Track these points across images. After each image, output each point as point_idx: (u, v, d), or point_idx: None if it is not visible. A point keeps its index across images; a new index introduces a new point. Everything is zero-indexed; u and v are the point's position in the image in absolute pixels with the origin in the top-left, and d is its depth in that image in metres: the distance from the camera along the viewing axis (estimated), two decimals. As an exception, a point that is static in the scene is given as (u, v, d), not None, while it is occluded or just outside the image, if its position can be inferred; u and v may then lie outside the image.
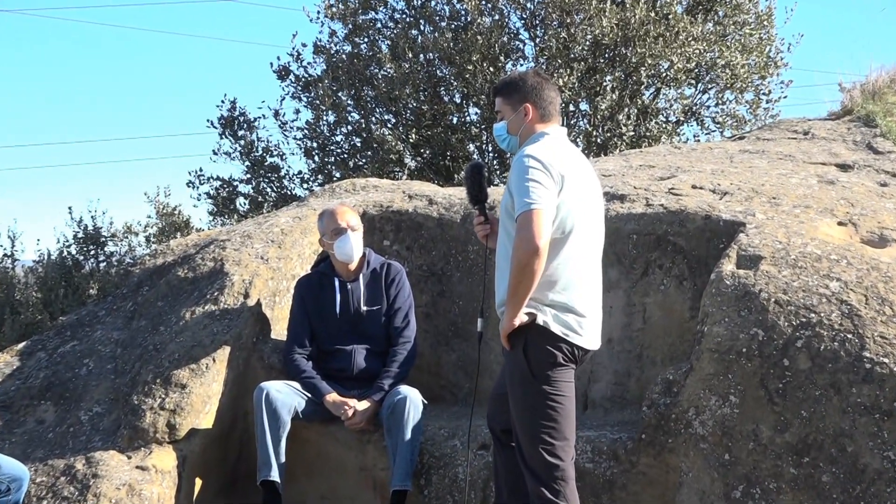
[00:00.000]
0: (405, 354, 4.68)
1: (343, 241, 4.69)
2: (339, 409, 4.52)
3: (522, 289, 3.35)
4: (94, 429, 4.70)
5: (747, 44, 10.33)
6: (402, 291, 4.78)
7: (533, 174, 3.37)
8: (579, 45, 9.78)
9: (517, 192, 3.38)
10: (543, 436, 3.44)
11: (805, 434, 3.71)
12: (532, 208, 3.31)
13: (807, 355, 3.80)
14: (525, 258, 3.30)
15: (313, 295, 4.75)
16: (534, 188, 3.34)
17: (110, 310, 5.61)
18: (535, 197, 3.33)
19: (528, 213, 3.31)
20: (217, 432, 4.67)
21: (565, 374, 3.49)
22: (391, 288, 4.75)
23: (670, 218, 4.73)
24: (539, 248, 3.29)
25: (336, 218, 4.74)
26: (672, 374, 4.08)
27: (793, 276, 4.08)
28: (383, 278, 4.76)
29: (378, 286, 4.75)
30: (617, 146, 9.92)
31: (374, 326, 4.71)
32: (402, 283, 4.79)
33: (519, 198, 3.36)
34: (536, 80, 3.66)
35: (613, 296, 4.70)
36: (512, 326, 3.44)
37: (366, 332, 4.71)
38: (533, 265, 3.31)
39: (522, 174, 3.38)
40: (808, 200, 4.84)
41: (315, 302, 4.74)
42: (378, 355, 4.70)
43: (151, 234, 11.29)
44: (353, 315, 4.70)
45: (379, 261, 4.83)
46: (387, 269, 4.79)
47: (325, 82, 10.43)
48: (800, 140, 6.58)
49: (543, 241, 3.30)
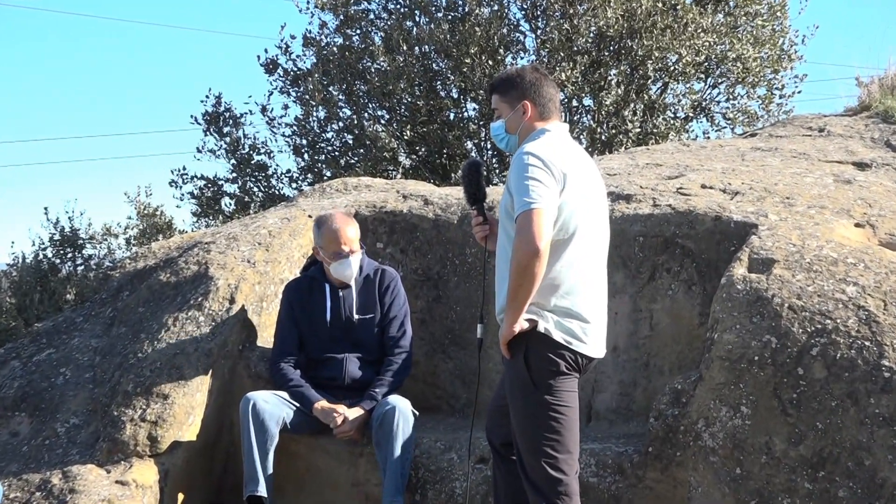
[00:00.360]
0: (400, 364, 4.69)
1: (343, 265, 4.68)
2: (329, 416, 4.52)
3: (522, 293, 3.35)
4: (71, 441, 4.69)
5: (759, 36, 10.36)
6: (398, 299, 4.78)
7: (533, 172, 3.37)
8: (583, 37, 9.80)
9: (516, 191, 3.38)
10: (546, 448, 3.44)
11: (820, 447, 3.72)
12: (532, 208, 3.31)
13: (822, 364, 3.81)
14: (525, 260, 3.30)
15: (302, 301, 4.75)
16: (534, 187, 3.34)
17: (88, 316, 5.60)
18: (535, 196, 3.33)
19: (527, 213, 3.31)
20: (201, 445, 4.67)
21: (568, 384, 3.49)
22: (385, 296, 4.75)
23: (678, 219, 4.74)
24: (539, 249, 3.29)
25: (339, 239, 4.66)
26: (680, 383, 4.08)
27: (807, 280, 4.09)
28: (377, 285, 4.76)
29: (371, 293, 4.75)
30: (622, 143, 9.95)
31: (366, 335, 4.72)
32: (396, 290, 4.79)
33: (518, 197, 3.36)
34: (535, 76, 3.67)
35: (619, 301, 4.71)
36: (512, 333, 3.43)
37: (358, 341, 4.71)
38: (533, 268, 3.30)
39: (522, 172, 3.38)
40: (823, 201, 4.85)
41: (304, 308, 4.73)
42: (371, 364, 4.70)
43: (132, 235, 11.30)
44: (344, 323, 4.71)
45: (372, 266, 4.82)
46: (381, 276, 4.79)
47: (315, 76, 10.43)
48: (815, 137, 6.60)
49: (544, 242, 3.30)
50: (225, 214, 11.35)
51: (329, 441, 4.60)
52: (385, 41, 10.30)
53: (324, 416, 4.54)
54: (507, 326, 3.43)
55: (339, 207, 5.63)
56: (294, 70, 11.09)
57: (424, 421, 4.76)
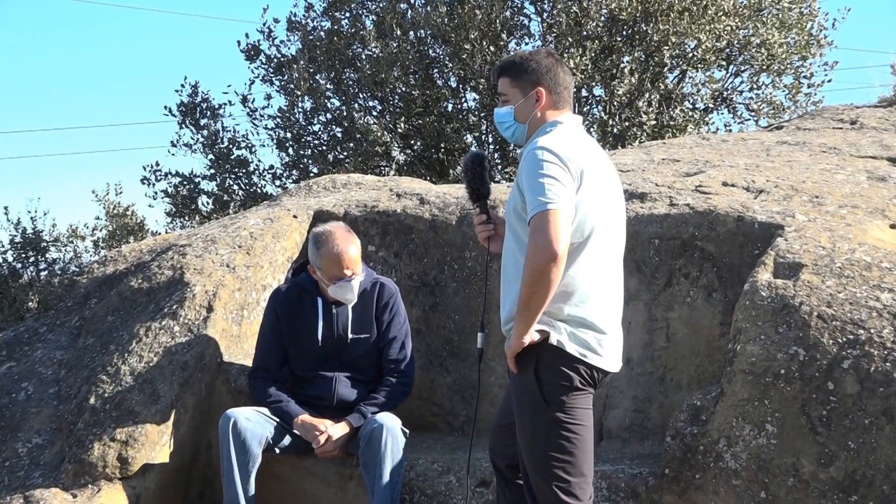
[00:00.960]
0: (398, 387, 4.65)
1: (344, 290, 4.62)
2: (310, 432, 4.50)
3: (536, 301, 3.34)
4: (33, 463, 4.69)
5: (786, 19, 10.38)
6: (398, 317, 4.74)
7: (548, 169, 3.36)
8: (593, 20, 9.82)
9: (530, 189, 3.36)
10: (557, 471, 3.43)
11: (853, 468, 3.72)
12: (549, 208, 3.30)
13: (855, 378, 3.81)
14: (541, 266, 3.28)
15: (290, 313, 4.71)
16: (550, 185, 3.33)
17: (53, 326, 5.60)
18: (551, 196, 3.31)
19: (543, 214, 3.30)
20: (176, 467, 4.67)
21: (582, 400, 3.48)
22: (384, 314, 4.72)
23: (698, 220, 4.75)
24: (557, 254, 3.27)
25: (341, 264, 4.58)
26: (700, 399, 4.08)
27: (838, 286, 4.09)
28: (375, 301, 4.71)
29: (368, 310, 4.71)
30: (636, 137, 9.96)
31: (361, 355, 4.69)
32: (396, 307, 4.75)
33: (532, 196, 3.34)
34: (550, 61, 3.65)
35: (632, 310, 4.71)
36: (521, 345, 3.42)
37: (351, 360, 4.69)
38: (550, 274, 3.29)
39: (536, 169, 3.37)
40: (855, 199, 4.86)
41: (292, 321, 4.70)
42: (364, 384, 4.67)
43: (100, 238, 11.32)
44: (336, 342, 4.67)
45: (370, 279, 4.75)
46: (379, 291, 4.73)
47: (301, 63, 10.45)
48: (846, 130, 6.61)
49: (562, 246, 3.28)
50: (202, 214, 11.37)
51: (316, 463, 4.60)
52: (377, 25, 10.32)
53: (305, 431, 4.52)
54: (517, 337, 3.42)
55: (328, 205, 5.63)
56: (277, 56, 11.12)
57: (420, 440, 4.75)
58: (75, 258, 10.65)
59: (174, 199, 11.53)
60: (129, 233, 11.36)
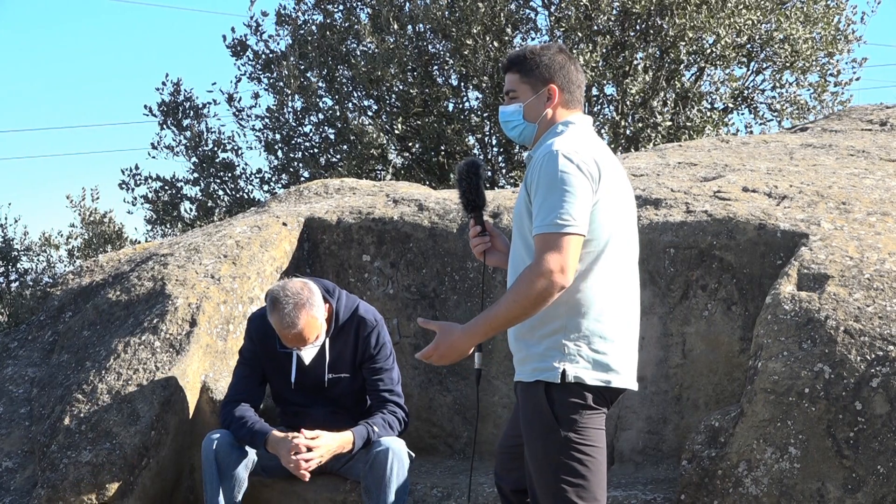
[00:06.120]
0: (395, 420, 4.57)
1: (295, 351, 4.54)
2: (286, 446, 4.35)
3: (516, 319, 3.38)
4: (2, 488, 4.70)
5: (811, 13, 10.39)
6: (381, 353, 4.60)
7: (568, 182, 3.33)
8: (604, 14, 9.84)
9: (545, 200, 3.34)
10: (570, 496, 3.43)
11: (882, 494, 3.73)
12: (566, 232, 3.29)
13: (884, 397, 3.82)
14: (546, 292, 3.28)
15: (267, 344, 4.58)
16: (568, 202, 3.31)
17: (24, 341, 5.61)
18: (567, 217, 3.30)
19: (558, 238, 3.29)
20: (157, 492, 4.67)
21: (596, 420, 3.47)
22: (364, 351, 4.60)
23: (716, 228, 4.76)
24: (566, 286, 3.29)
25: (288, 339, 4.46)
26: (718, 420, 4.09)
27: (867, 299, 4.10)
28: (353, 338, 4.59)
29: (346, 347, 4.60)
30: (650, 139, 9.97)
31: (342, 394, 4.63)
32: (379, 344, 4.60)
33: (548, 210, 3.32)
34: (563, 57, 3.64)
35: (646, 324, 4.71)
36: (467, 352, 3.46)
37: (332, 398, 4.64)
38: (547, 301, 3.31)
39: (554, 178, 3.35)
40: (885, 206, 4.87)
41: (270, 353, 4.59)
42: (353, 416, 4.60)
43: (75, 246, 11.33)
44: (314, 383, 4.59)
45: (349, 310, 4.61)
46: (357, 327, 4.59)
47: (291, 60, 10.47)
48: (875, 132, 6.63)
49: (572, 275, 3.30)
50: (185, 221, 11.38)
51: (307, 487, 4.59)
52: (372, 19, 10.34)
53: (279, 448, 4.37)
54: (471, 337, 3.43)
55: (320, 212, 5.64)
56: (266, 53, 11.13)
57: (419, 464, 4.76)
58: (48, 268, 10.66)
59: (155, 205, 11.54)
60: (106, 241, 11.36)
